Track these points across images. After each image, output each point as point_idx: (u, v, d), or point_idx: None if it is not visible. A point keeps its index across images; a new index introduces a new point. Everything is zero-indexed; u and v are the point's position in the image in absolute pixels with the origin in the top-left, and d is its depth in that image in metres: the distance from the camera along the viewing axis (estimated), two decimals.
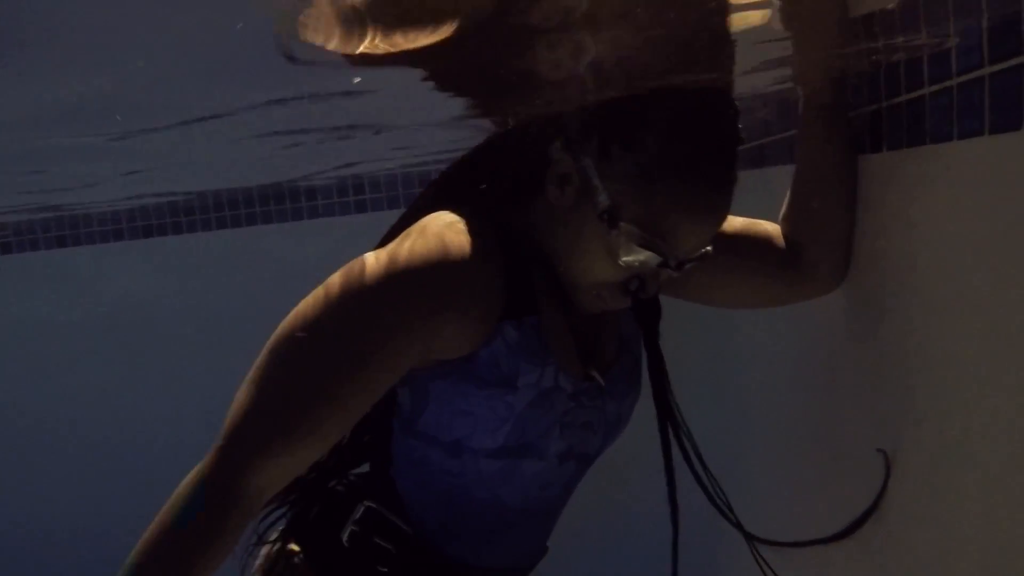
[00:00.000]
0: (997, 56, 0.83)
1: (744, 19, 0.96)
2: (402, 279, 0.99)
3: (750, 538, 1.21)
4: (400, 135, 1.98)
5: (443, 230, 1.03)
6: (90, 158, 1.68)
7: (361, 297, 0.99)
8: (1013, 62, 0.80)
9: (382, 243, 1.09)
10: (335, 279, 1.01)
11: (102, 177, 1.96)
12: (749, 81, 1.27)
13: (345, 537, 1.17)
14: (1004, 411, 0.87)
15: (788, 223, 1.27)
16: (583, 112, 1.04)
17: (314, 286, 1.03)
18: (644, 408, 1.19)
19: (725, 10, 0.94)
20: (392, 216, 1.16)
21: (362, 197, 3.07)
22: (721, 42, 1.06)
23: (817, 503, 1.46)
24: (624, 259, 1.02)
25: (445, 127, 1.78)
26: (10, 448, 3.37)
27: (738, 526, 1.20)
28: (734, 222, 1.22)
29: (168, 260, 3.30)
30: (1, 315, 3.42)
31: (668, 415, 1.14)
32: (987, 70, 0.84)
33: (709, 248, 1.05)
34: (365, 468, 1.24)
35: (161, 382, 3.27)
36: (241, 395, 0.99)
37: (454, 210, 1.07)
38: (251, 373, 1.00)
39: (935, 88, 0.96)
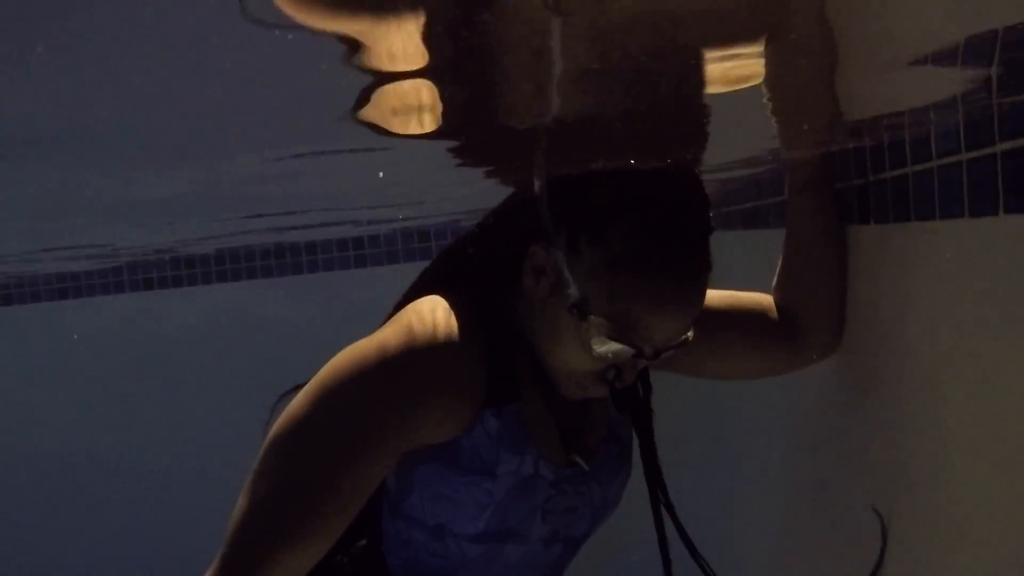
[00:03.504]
0: (973, 143, 0.84)
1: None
2: (389, 369, 1.00)
3: None
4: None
5: (428, 317, 1.04)
6: None
7: (350, 390, 1.01)
8: (988, 151, 0.81)
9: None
10: (324, 374, 1.02)
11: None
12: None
13: None
14: (995, 481, 0.87)
15: (780, 292, 1.27)
16: (553, 204, 1.04)
17: (308, 342, 1.01)
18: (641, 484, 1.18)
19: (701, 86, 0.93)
20: (391, 271, 1.17)
21: (361, 252, 3.09)
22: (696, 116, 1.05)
23: (813, 573, 1.45)
24: (597, 351, 1.01)
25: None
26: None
27: None
28: (723, 296, 1.23)
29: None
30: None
31: (664, 499, 1.13)
32: (964, 156, 0.86)
33: (689, 334, 1.05)
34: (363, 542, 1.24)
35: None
36: (242, 500, 0.99)
37: (442, 295, 1.08)
38: (250, 476, 1.00)
39: (917, 168, 0.98)
